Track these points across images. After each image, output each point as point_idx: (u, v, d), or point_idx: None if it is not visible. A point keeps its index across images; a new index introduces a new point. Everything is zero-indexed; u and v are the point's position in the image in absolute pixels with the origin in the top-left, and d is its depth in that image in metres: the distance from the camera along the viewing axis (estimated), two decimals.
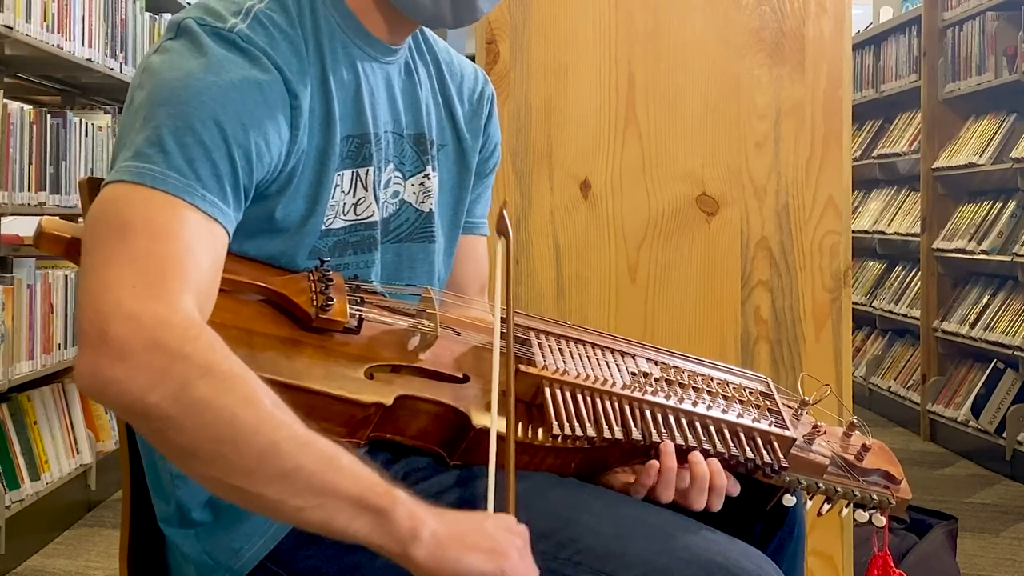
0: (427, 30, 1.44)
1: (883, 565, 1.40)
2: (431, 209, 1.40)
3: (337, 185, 1.27)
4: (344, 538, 1.03)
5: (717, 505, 1.28)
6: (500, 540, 1.05)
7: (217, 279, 1.13)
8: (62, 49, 3.58)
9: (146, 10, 4.39)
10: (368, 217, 1.32)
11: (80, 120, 3.84)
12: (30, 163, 3.44)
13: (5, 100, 3.32)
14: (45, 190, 3.53)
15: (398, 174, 1.36)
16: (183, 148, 1.12)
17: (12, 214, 3.36)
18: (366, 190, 1.31)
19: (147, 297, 1.03)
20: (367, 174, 1.30)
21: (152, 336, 1.01)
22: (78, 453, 3.73)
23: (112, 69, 4.00)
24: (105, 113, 4.21)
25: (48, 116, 3.60)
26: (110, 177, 1.12)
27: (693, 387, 1.33)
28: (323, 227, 1.27)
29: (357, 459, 1.04)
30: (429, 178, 1.39)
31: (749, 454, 1.29)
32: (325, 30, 1.28)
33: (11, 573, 3.23)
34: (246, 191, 1.18)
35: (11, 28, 3.19)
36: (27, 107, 3.55)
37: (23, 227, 3.54)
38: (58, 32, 3.54)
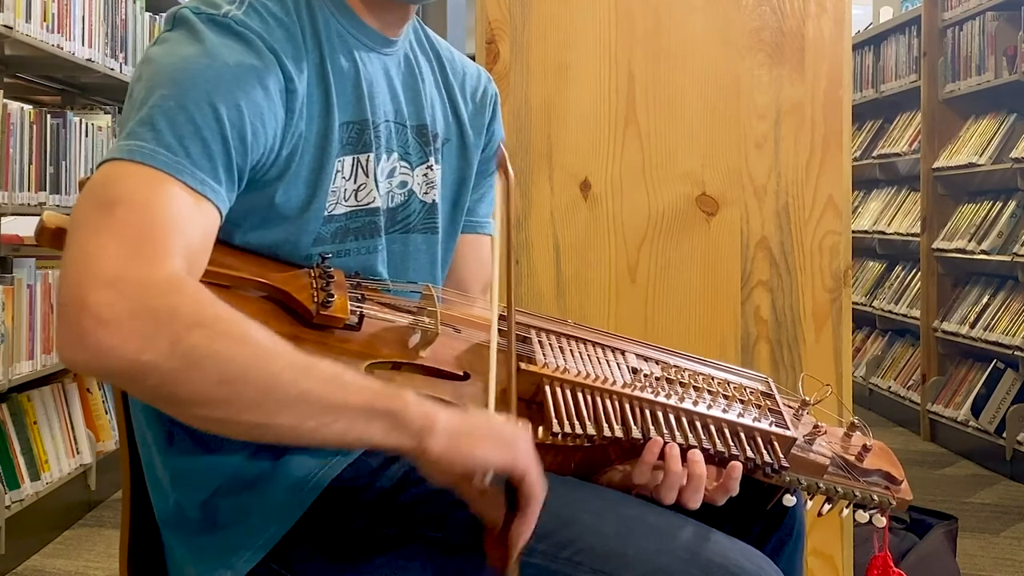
0: (428, 28, 1.45)
1: (883, 565, 1.40)
2: (435, 200, 1.41)
3: (338, 171, 1.28)
4: (363, 446, 1.08)
5: (720, 501, 1.28)
6: (508, 433, 1.11)
7: (206, 254, 1.13)
8: (62, 49, 3.58)
9: (146, 10, 4.39)
10: (369, 203, 1.32)
11: (80, 120, 3.84)
12: (30, 163, 3.44)
13: (5, 100, 3.32)
14: (45, 190, 3.53)
15: (405, 164, 1.37)
16: (174, 126, 1.12)
17: (12, 214, 3.35)
18: (367, 176, 1.32)
19: (129, 261, 1.03)
20: (367, 160, 1.31)
21: (137, 298, 1.01)
22: (78, 453, 3.73)
23: (112, 69, 4.00)
24: (105, 113, 4.21)
25: (48, 116, 3.60)
26: (102, 158, 1.13)
27: (694, 386, 1.33)
28: (325, 213, 1.28)
29: (359, 374, 1.08)
30: (432, 169, 1.40)
31: (750, 453, 1.29)
32: (321, 19, 1.30)
33: (11, 573, 3.23)
34: (240, 172, 1.18)
35: (11, 28, 3.19)
36: (27, 107, 3.55)
37: (23, 227, 3.54)
38: (58, 32, 3.54)
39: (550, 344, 1.32)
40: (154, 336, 1.00)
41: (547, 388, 1.24)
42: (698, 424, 1.29)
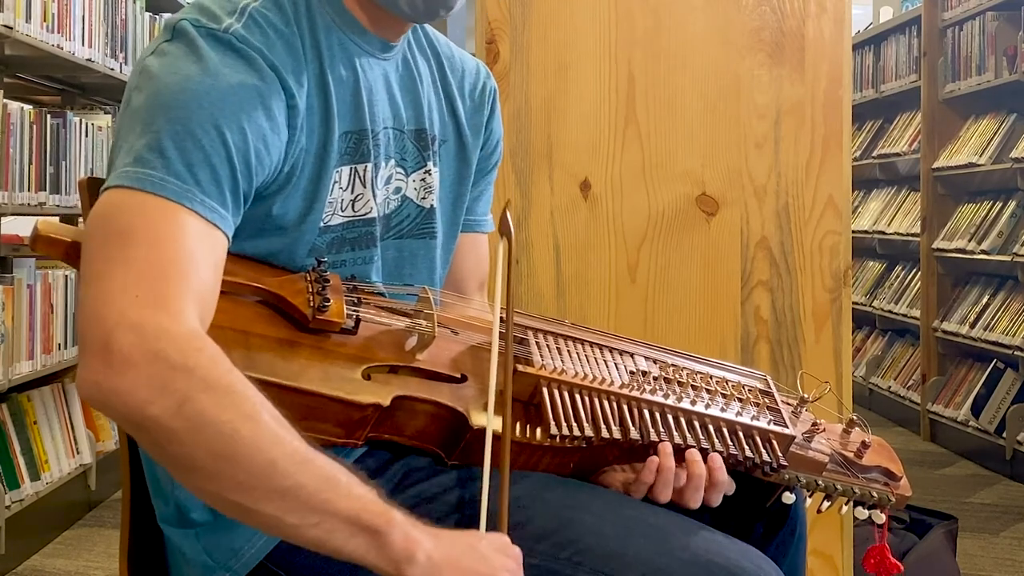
0: (427, 26, 1.44)
1: (880, 555, 1.40)
2: (432, 205, 1.40)
3: (335, 182, 1.27)
4: (340, 557, 1.04)
5: (716, 501, 1.28)
6: (494, 563, 1.06)
7: (217, 286, 1.13)
8: (62, 49, 3.57)
9: (146, 10, 4.38)
10: (366, 214, 1.32)
11: (80, 120, 3.84)
12: (30, 163, 3.44)
13: (5, 100, 3.32)
14: (45, 190, 3.53)
15: (400, 170, 1.36)
16: (183, 153, 1.12)
17: (12, 214, 3.36)
18: (364, 186, 1.31)
19: (150, 307, 1.03)
20: (365, 170, 1.30)
21: (155, 347, 1.01)
22: (78, 453, 3.73)
23: (112, 69, 4.00)
24: (105, 113, 4.21)
25: (48, 116, 3.60)
26: (110, 182, 1.12)
27: (692, 385, 1.33)
28: (322, 224, 1.27)
29: (356, 478, 1.05)
30: (430, 173, 1.39)
31: (748, 452, 1.29)
32: (321, 27, 1.28)
33: (11, 573, 3.23)
34: (245, 195, 1.18)
35: (11, 28, 3.19)
36: (27, 107, 3.55)
37: (23, 227, 3.54)
38: (58, 32, 3.54)
39: (547, 345, 1.31)
40: (165, 389, 1.00)
41: (544, 390, 1.24)
42: (696, 424, 1.29)
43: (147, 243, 1.07)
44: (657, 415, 1.28)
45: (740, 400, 1.34)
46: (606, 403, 1.26)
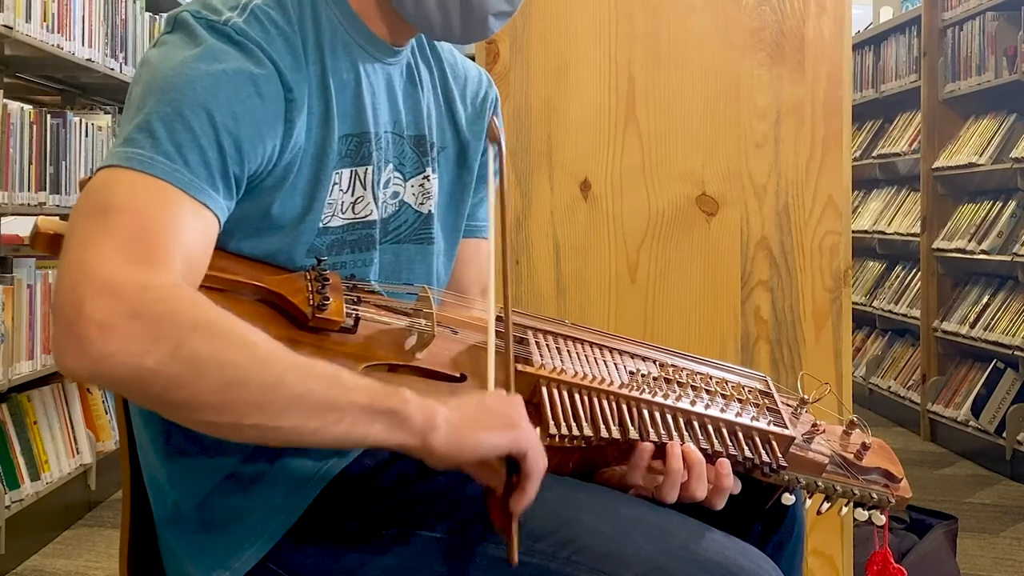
0: None
1: (882, 561, 1.40)
2: (430, 211, 1.40)
3: (335, 183, 1.27)
4: (366, 445, 1.08)
5: (719, 505, 1.28)
6: (506, 413, 1.12)
7: (205, 260, 1.13)
8: (62, 49, 3.58)
9: (146, 10, 4.39)
10: (366, 216, 1.32)
11: (80, 120, 3.84)
12: (30, 163, 3.45)
13: (5, 100, 3.32)
14: (45, 190, 3.53)
15: (398, 175, 1.36)
16: (172, 134, 1.12)
17: (12, 214, 3.36)
18: (364, 189, 1.31)
19: (126, 266, 1.03)
20: (366, 173, 1.30)
21: (136, 303, 1.00)
22: (78, 453, 3.73)
23: (112, 69, 4.00)
24: (105, 113, 4.21)
25: (48, 116, 3.60)
26: (100, 164, 1.13)
27: (692, 386, 1.33)
28: (321, 225, 1.27)
29: (356, 374, 1.09)
30: (429, 180, 1.39)
31: (748, 453, 1.29)
32: (327, 29, 1.28)
33: (11, 573, 3.23)
34: (237, 181, 1.17)
35: (11, 28, 3.20)
36: (27, 107, 3.56)
37: (23, 227, 3.54)
38: (58, 32, 3.54)
39: (547, 345, 1.32)
40: (155, 341, 1.00)
41: (544, 389, 1.24)
42: (696, 424, 1.29)
43: (128, 214, 1.07)
44: (657, 415, 1.28)
45: (740, 401, 1.34)
46: (605, 403, 1.26)
